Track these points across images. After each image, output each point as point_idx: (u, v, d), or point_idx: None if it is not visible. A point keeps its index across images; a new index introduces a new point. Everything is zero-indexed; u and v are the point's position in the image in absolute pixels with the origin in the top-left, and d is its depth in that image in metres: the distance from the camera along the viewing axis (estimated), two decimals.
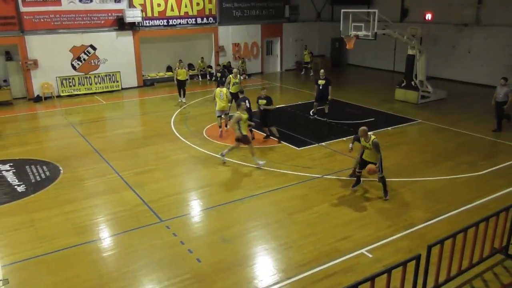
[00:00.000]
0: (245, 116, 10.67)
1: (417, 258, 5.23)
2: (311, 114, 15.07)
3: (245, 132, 10.75)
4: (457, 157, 11.30)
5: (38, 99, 18.62)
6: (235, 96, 13.91)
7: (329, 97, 14.57)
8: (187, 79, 17.44)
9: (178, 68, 17.27)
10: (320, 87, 14.54)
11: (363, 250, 7.02)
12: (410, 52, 17.26)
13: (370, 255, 6.90)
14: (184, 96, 17.60)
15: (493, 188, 9.31)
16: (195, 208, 8.86)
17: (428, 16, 21.41)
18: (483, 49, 20.01)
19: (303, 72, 24.53)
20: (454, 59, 21.21)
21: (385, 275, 4.99)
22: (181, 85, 17.34)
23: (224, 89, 13.00)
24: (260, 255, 7.08)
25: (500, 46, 19.18)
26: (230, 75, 14.93)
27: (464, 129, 13.63)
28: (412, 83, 17.19)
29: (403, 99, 17.42)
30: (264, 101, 12.39)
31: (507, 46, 18.76)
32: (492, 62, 19.59)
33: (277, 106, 16.88)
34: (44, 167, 10.90)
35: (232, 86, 14.39)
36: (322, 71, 15.03)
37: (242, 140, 10.70)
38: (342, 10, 16.12)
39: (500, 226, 6.48)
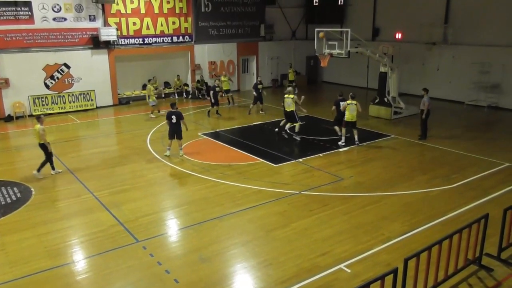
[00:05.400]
0: None
1: (395, 271, 5.28)
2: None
3: None
4: (431, 171, 11.60)
5: (9, 118, 18.15)
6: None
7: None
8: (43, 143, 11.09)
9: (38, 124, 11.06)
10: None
11: (341, 266, 7.06)
12: (382, 69, 17.77)
13: (348, 270, 6.93)
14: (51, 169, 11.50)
15: (466, 200, 9.59)
16: (173, 228, 8.73)
17: (398, 35, 22.16)
18: (451, 66, 20.81)
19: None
20: (424, 76, 21.93)
21: None
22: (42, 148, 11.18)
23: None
24: (240, 273, 7.01)
25: (467, 64, 19.98)
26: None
27: (436, 143, 14.04)
28: (385, 99, 17.65)
29: (376, 115, 17.84)
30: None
31: (472, 64, 19.57)
32: (459, 78, 20.39)
33: (254, 123, 17.06)
34: (15, 189, 10.56)
35: None
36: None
37: None
38: (316, 29, 16.50)
39: (472, 238, 6.66)
